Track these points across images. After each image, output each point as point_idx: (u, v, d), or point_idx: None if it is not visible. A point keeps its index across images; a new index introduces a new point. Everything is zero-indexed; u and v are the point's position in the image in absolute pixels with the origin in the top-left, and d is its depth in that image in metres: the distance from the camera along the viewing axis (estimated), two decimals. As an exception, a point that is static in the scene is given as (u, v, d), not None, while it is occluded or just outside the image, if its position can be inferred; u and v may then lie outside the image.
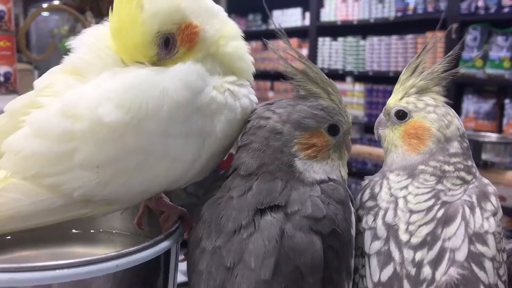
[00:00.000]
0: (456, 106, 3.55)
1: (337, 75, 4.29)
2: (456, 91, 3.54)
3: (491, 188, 0.62)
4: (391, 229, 0.59)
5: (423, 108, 0.65)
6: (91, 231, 0.75)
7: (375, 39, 3.96)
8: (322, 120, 0.63)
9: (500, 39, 3.35)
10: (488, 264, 0.57)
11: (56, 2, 2.34)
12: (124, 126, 0.55)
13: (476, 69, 3.41)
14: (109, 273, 0.54)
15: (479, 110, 3.52)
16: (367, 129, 3.51)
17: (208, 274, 0.57)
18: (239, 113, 0.63)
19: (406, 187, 0.61)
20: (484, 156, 2.04)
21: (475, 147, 2.05)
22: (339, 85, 4.23)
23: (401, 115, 0.67)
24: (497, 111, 3.48)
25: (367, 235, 0.60)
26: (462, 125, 0.66)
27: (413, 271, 0.56)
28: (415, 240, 0.58)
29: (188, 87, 0.58)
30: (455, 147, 0.64)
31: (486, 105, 3.51)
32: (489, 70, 3.36)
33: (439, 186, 0.61)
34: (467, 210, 0.59)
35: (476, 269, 0.56)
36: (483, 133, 2.51)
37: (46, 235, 0.67)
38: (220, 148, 0.64)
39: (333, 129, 0.64)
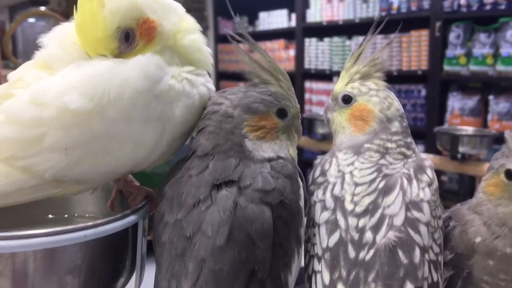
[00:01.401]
0: (442, 103, 3.62)
1: (324, 75, 4.35)
2: (441, 89, 3.60)
3: (427, 162, 0.69)
4: (338, 201, 0.65)
5: (366, 92, 0.72)
6: (66, 215, 0.80)
7: (360, 39, 4.02)
8: (270, 104, 0.69)
9: (482, 36, 3.41)
10: (423, 228, 0.63)
11: (43, 8, 2.39)
12: (88, 112, 0.61)
13: (460, 67, 3.48)
14: (78, 242, 0.60)
15: (464, 107, 3.57)
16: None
17: (170, 244, 0.63)
18: (197, 100, 0.70)
19: (352, 163, 0.68)
20: (461, 149, 2.10)
21: (452, 141, 2.11)
22: (326, 85, 4.31)
23: (347, 99, 0.73)
24: (482, 107, 3.54)
25: (318, 207, 0.67)
26: (401, 107, 0.73)
27: (356, 236, 0.63)
28: (358, 209, 0.64)
29: (147, 76, 0.64)
30: (396, 126, 0.71)
31: (471, 102, 3.56)
32: (473, 67, 3.42)
33: (382, 161, 0.68)
34: (405, 181, 0.65)
35: (411, 232, 0.62)
36: (460, 127, 2.57)
37: (24, 220, 0.73)
38: (180, 133, 0.70)
39: (282, 113, 0.70)
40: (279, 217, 0.63)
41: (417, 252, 0.62)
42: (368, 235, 0.62)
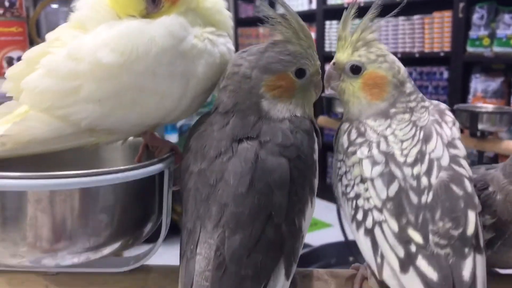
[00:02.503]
0: (464, 85, 3.60)
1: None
2: (463, 71, 3.58)
3: (442, 105, 0.75)
4: (388, 155, 0.69)
5: (375, 59, 0.74)
6: None
7: (382, 20, 4.00)
8: (288, 64, 0.72)
9: (507, 17, 3.38)
10: (463, 162, 0.69)
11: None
12: (119, 67, 0.67)
13: (484, 48, 3.45)
14: (111, 184, 0.67)
15: (487, 89, 3.55)
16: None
17: (195, 190, 0.69)
18: (218, 58, 0.75)
19: (389, 126, 0.72)
20: (481, 126, 2.11)
21: (472, 118, 2.12)
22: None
23: (356, 69, 0.75)
24: (505, 89, 3.52)
25: (366, 163, 0.70)
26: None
27: (414, 183, 0.67)
28: (409, 159, 0.68)
29: (172, 35, 0.70)
30: (409, 87, 0.75)
31: (494, 84, 3.54)
32: (497, 48, 3.39)
33: (413, 118, 0.72)
34: (437, 127, 0.71)
35: (456, 167, 0.68)
36: (479, 104, 2.57)
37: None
38: (202, 89, 0.75)
39: (300, 72, 0.73)
40: (295, 167, 0.68)
41: (467, 182, 0.67)
42: (424, 180, 0.67)
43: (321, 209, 1.02)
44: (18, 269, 0.75)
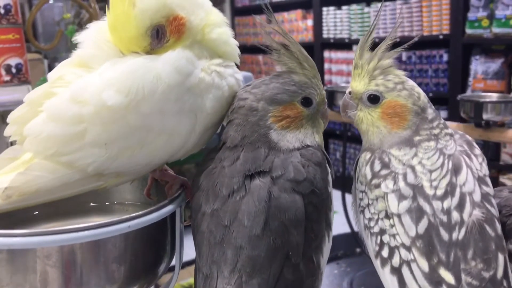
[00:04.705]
0: (464, 67, 3.57)
1: (344, 44, 4.30)
2: (463, 53, 3.55)
3: (469, 136, 0.73)
4: (416, 188, 0.66)
5: (393, 88, 0.71)
6: (106, 203, 0.84)
7: (379, 5, 3.97)
8: (294, 94, 0.71)
9: (506, -3, 3.34)
10: (494, 201, 0.67)
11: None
12: (125, 107, 0.64)
13: (483, 29, 3.41)
14: (122, 233, 0.64)
15: (488, 70, 3.52)
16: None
17: (209, 233, 0.66)
18: (226, 91, 0.72)
19: (416, 154, 0.69)
20: (485, 116, 2.09)
21: (476, 108, 2.09)
22: (346, 54, 4.27)
23: (373, 98, 0.72)
24: (506, 70, 3.49)
25: (392, 197, 0.67)
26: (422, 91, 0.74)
27: (444, 218, 0.64)
28: (439, 192, 0.66)
29: (178, 70, 0.67)
30: (430, 113, 0.72)
31: (494, 65, 3.50)
32: (496, 29, 3.35)
33: (439, 145, 0.69)
34: (466, 158, 0.69)
35: (488, 206, 0.66)
36: (483, 93, 2.54)
37: (68, 209, 0.77)
38: (211, 123, 0.73)
39: (306, 101, 0.72)
40: (310, 203, 0.66)
41: (497, 224, 0.65)
42: (455, 215, 0.64)
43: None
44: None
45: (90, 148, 0.65)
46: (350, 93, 0.75)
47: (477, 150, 0.71)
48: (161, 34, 0.68)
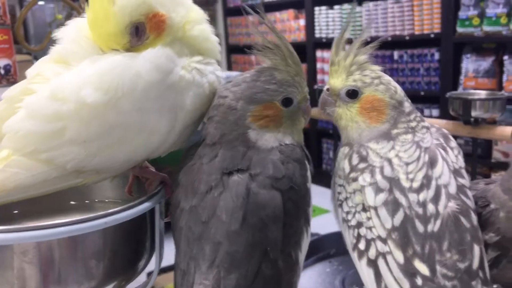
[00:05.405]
0: (455, 66, 3.58)
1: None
2: (454, 51, 3.56)
3: (445, 130, 0.74)
4: (393, 181, 0.66)
5: (370, 82, 0.72)
6: (87, 201, 0.84)
7: (371, 5, 3.97)
8: (274, 93, 0.70)
9: (496, -4, 3.35)
10: (469, 193, 0.68)
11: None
12: (104, 105, 0.64)
13: (474, 28, 3.42)
14: (100, 229, 0.64)
15: (479, 69, 3.53)
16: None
17: (187, 229, 0.67)
18: (207, 88, 0.72)
19: (393, 148, 0.69)
20: (474, 113, 2.09)
21: (465, 105, 2.10)
22: (338, 53, 4.27)
23: (352, 94, 0.73)
24: (497, 68, 3.50)
25: (369, 190, 0.67)
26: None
27: (420, 210, 0.65)
28: (415, 184, 0.66)
29: (158, 68, 0.67)
30: (407, 106, 0.73)
31: (485, 63, 3.52)
32: (487, 28, 3.37)
33: (416, 138, 0.70)
34: (442, 151, 0.69)
35: (463, 198, 0.66)
36: (472, 91, 2.55)
37: (48, 207, 0.77)
38: (192, 120, 0.73)
39: (287, 101, 0.71)
40: (289, 199, 0.66)
41: (473, 215, 0.66)
42: (431, 207, 0.65)
43: (317, 195, 1.01)
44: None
45: (69, 145, 0.65)
46: (328, 90, 0.75)
47: (453, 143, 0.72)
48: (141, 31, 0.68)
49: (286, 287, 0.67)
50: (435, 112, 3.69)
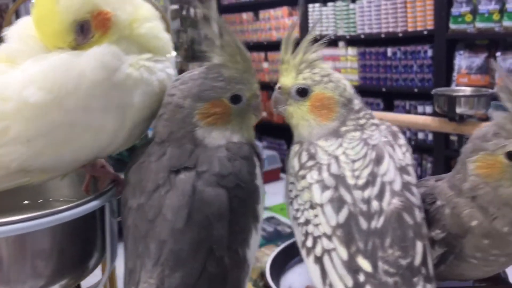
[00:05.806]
0: (448, 62, 3.57)
1: (329, 41, 4.29)
2: (447, 48, 3.55)
3: (395, 127, 0.74)
4: (338, 178, 0.66)
5: (320, 80, 0.72)
6: (40, 201, 0.84)
7: (364, 1, 3.96)
8: (221, 90, 0.70)
9: (488, -8, 3.34)
10: (415, 190, 0.67)
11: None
12: (48, 104, 0.64)
13: (466, 24, 3.41)
14: (47, 228, 0.64)
15: (471, 65, 3.52)
16: (362, 93, 3.54)
17: (134, 227, 0.67)
18: (157, 86, 0.72)
19: (340, 145, 0.69)
20: (459, 110, 2.09)
21: (449, 102, 2.09)
22: (332, 51, 4.26)
23: (302, 92, 0.73)
24: (489, 65, 3.50)
25: (316, 188, 0.67)
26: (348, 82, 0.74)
27: (364, 207, 0.65)
28: (360, 181, 0.66)
29: (104, 66, 0.67)
30: (356, 104, 0.73)
31: (478, 60, 3.51)
32: (479, 24, 3.36)
33: (364, 136, 0.70)
34: (389, 148, 0.69)
35: (408, 195, 0.66)
36: (457, 88, 2.55)
37: (1, 207, 0.76)
38: (142, 119, 0.73)
39: (235, 98, 0.71)
40: (235, 197, 0.66)
41: (417, 212, 0.66)
42: (375, 204, 0.65)
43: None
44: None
45: (13, 144, 0.65)
46: (279, 88, 0.75)
47: (402, 141, 0.71)
48: (86, 29, 0.68)
49: (232, 284, 0.67)
50: (428, 109, 3.68)
